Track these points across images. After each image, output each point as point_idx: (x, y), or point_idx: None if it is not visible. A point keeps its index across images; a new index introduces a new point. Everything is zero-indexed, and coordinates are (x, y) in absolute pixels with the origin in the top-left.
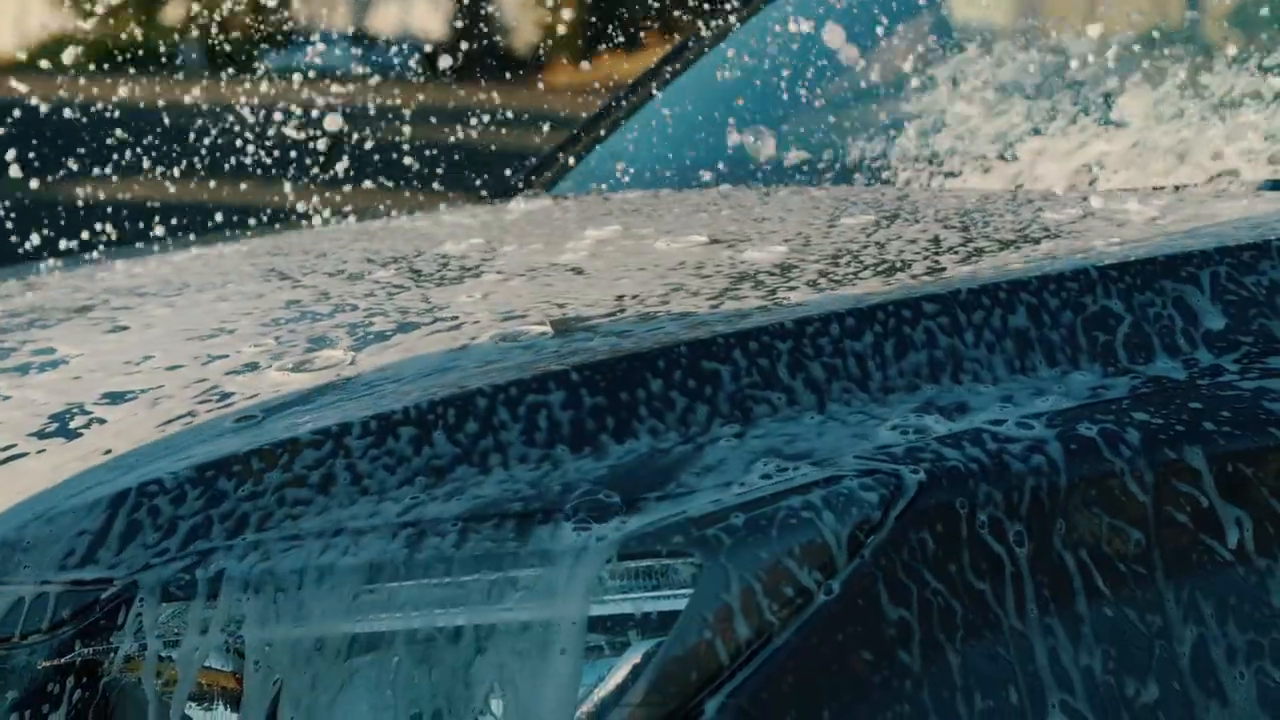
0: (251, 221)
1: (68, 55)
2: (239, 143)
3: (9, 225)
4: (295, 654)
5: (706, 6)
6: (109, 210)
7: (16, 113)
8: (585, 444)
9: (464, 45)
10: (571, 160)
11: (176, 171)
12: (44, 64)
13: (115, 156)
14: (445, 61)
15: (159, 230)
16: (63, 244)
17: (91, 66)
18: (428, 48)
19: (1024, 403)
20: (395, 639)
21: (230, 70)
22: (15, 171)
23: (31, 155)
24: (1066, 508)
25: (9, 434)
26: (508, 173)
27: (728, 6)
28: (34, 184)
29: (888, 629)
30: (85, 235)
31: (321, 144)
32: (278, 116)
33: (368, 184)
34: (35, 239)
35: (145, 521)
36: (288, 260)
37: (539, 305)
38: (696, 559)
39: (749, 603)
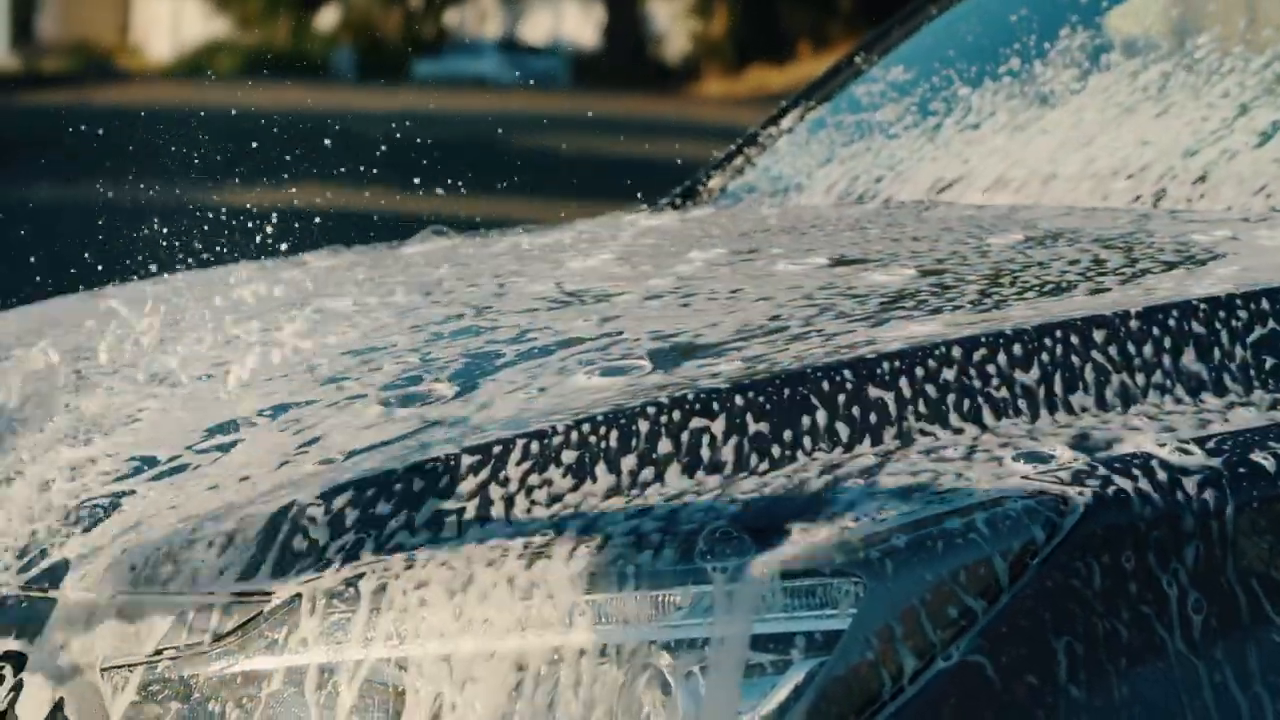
0: (402, 229)
1: (222, 62)
2: (389, 150)
3: (162, 232)
4: (457, 668)
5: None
6: (262, 217)
7: (173, 119)
8: (745, 462)
9: (615, 54)
10: (728, 174)
11: (327, 178)
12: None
13: (268, 163)
14: (596, 70)
15: (311, 237)
16: (211, 253)
17: (246, 72)
18: (580, 56)
19: (1191, 429)
20: (558, 654)
21: (382, 77)
22: (168, 178)
23: (186, 162)
24: (1234, 534)
25: (167, 447)
26: (658, 185)
27: (885, 22)
28: (188, 190)
29: (1052, 653)
30: (245, 243)
31: (472, 153)
32: (428, 124)
33: (517, 193)
34: (196, 247)
35: (308, 535)
36: (436, 273)
37: (681, 328)
38: (860, 579)
39: (912, 624)
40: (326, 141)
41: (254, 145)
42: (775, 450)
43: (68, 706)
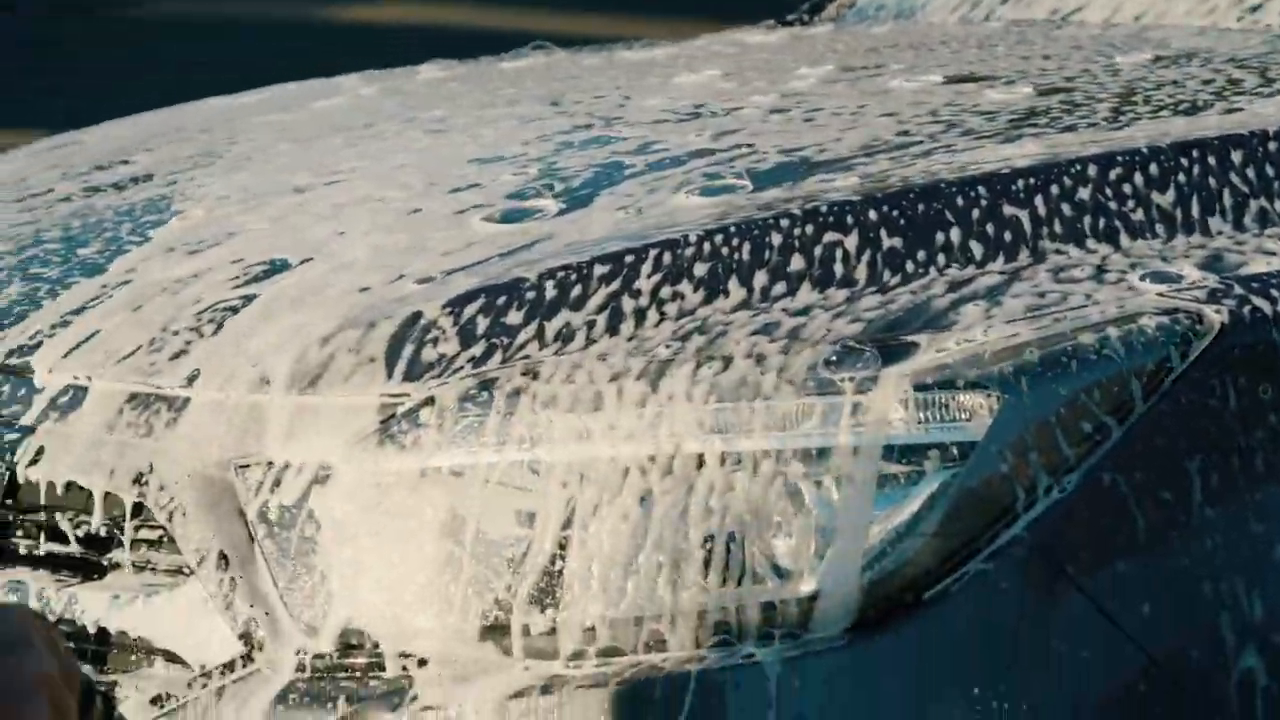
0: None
1: None
2: None
3: (267, 46)
4: (589, 475)
5: None
6: (363, 31)
7: None
8: (875, 277)
9: None
10: None
11: None
12: None
13: None
14: None
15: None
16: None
17: None
18: None
19: None
20: (693, 461)
21: None
22: None
23: None
24: None
25: (291, 253)
26: (778, 7)
27: None
28: (292, 5)
29: (1184, 473)
30: (347, 57)
31: None
32: None
33: (635, 11)
34: (301, 62)
35: (440, 340)
36: (555, 87)
37: (804, 143)
38: (994, 392)
39: (1045, 438)
40: None
41: None
42: (906, 265)
43: (203, 504)
